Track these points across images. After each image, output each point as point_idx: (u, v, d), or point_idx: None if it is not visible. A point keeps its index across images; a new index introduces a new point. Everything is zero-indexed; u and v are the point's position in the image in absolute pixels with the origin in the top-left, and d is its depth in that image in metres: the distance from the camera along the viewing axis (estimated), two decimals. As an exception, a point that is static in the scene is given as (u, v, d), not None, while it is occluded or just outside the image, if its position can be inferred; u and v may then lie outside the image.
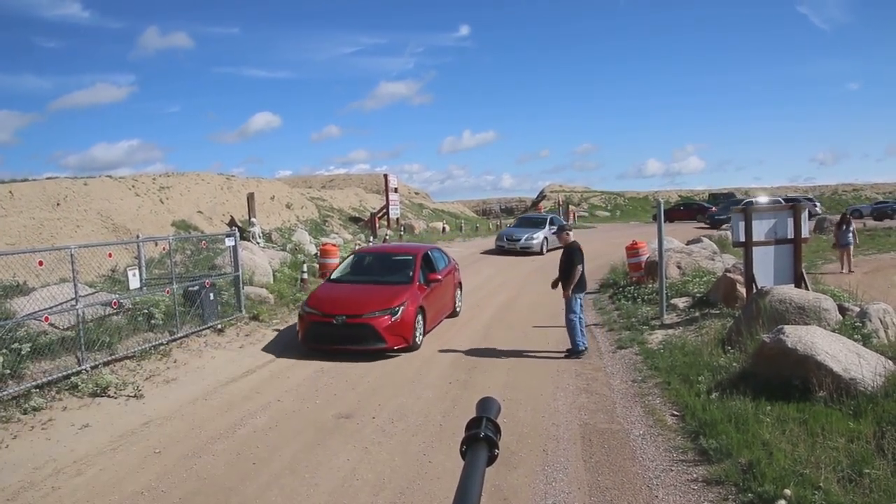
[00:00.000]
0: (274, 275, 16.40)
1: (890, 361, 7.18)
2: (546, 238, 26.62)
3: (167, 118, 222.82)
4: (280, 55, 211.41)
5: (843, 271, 19.84)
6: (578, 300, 10.19)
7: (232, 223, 22.58)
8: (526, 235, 26.75)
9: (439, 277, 12.29)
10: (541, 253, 26.04)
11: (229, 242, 13.18)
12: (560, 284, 10.33)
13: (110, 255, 11.33)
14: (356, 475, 5.95)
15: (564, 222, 25.75)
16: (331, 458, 6.34)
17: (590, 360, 9.91)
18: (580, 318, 10.29)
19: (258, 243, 20.35)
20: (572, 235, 10.66)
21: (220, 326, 11.89)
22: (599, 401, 8.02)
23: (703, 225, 39.45)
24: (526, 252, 26.23)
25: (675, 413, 7.29)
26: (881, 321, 8.78)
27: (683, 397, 7.53)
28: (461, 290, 14.47)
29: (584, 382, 8.82)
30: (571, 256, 10.22)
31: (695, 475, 5.70)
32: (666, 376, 8.51)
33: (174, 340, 10.77)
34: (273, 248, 20.90)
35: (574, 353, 10.11)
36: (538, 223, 28.73)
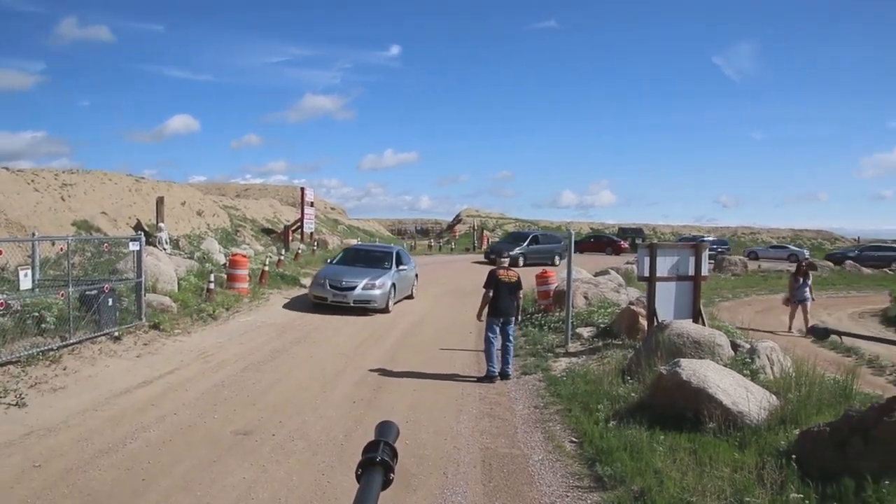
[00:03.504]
0: (179, 283, 15.86)
1: (774, 396, 7.60)
2: (394, 285, 17.14)
3: (77, 112, 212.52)
4: (204, 58, 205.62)
5: (791, 331, 17.17)
6: (494, 325, 10.30)
7: (138, 227, 21.75)
8: (363, 282, 16.39)
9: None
10: (386, 310, 16.55)
11: (133, 247, 12.70)
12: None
13: (0, 252, 10.73)
14: (252, 494, 5.79)
15: (409, 256, 20.50)
16: (226, 476, 6.15)
17: (494, 385, 10.02)
18: (506, 344, 10.42)
19: (164, 249, 19.68)
20: (506, 261, 10.90)
21: (117, 334, 11.40)
22: (501, 425, 8.11)
23: (610, 258, 40.66)
24: (363, 309, 16.25)
25: (574, 440, 7.45)
26: (768, 358, 9.25)
27: (583, 424, 7.71)
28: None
29: (487, 406, 8.91)
30: (487, 281, 10.43)
31: (589, 501, 5.84)
32: (567, 403, 8.69)
33: (66, 346, 10.24)
34: (180, 255, 20.24)
35: (485, 377, 10.20)
36: (379, 260, 18.15)
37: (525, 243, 33.74)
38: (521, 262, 30.08)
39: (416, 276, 20.18)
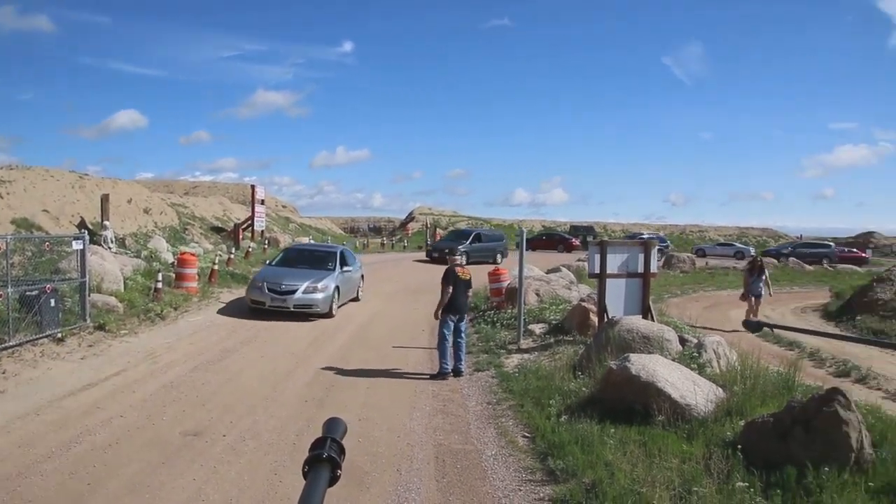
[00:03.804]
0: (125, 282, 15.48)
1: (720, 389, 7.79)
2: (338, 288, 15.98)
3: (17, 106, 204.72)
4: (152, 51, 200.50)
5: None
6: (450, 323, 10.32)
7: (82, 225, 21.15)
8: (305, 284, 15.21)
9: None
10: (329, 315, 15.38)
11: (77, 246, 12.35)
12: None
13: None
14: (202, 495, 5.70)
15: (353, 256, 19.04)
16: (176, 478, 6.03)
17: (447, 381, 10.04)
18: (458, 341, 10.45)
19: (110, 248, 19.17)
20: (459, 259, 10.88)
21: (60, 335, 11.07)
22: (455, 422, 8.14)
23: (562, 255, 41.03)
24: (304, 313, 15.02)
25: (527, 435, 7.52)
26: (715, 352, 9.48)
27: (535, 420, 7.79)
28: None
29: (440, 403, 8.92)
30: (445, 278, 10.42)
31: (542, 494, 5.91)
32: (520, 399, 8.76)
33: (5, 349, 9.90)
34: (126, 254, 19.76)
35: (438, 374, 10.20)
36: (322, 261, 16.92)
37: (468, 241, 33.11)
38: (463, 260, 29.57)
39: (362, 276, 19.20)
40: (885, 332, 17.23)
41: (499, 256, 32.93)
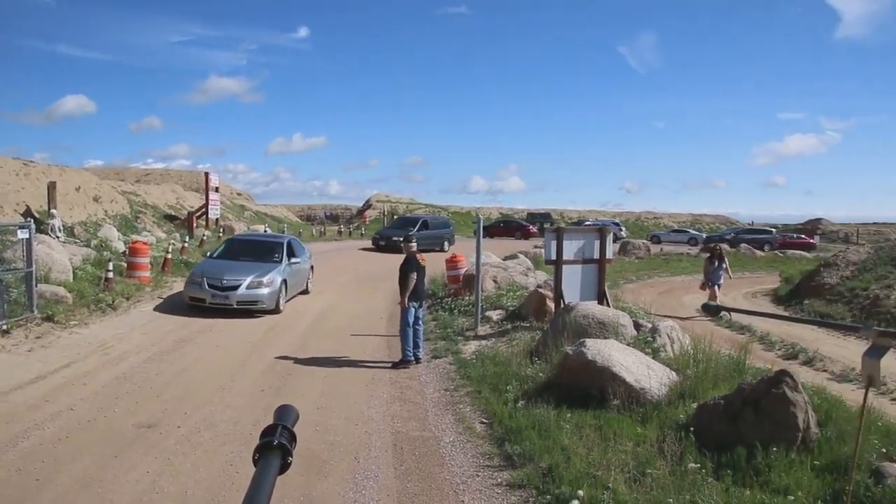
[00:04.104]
0: (75, 272, 15.10)
1: (674, 373, 7.94)
2: (285, 282, 14.94)
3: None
4: (100, 35, 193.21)
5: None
6: (413, 309, 10.28)
7: (27, 214, 20.54)
8: (248, 279, 14.05)
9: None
10: (276, 311, 14.35)
11: (22, 235, 11.98)
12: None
13: None
14: (156, 488, 5.60)
15: (302, 247, 17.76)
16: (128, 472, 5.92)
17: (405, 369, 10.03)
18: (416, 328, 10.40)
19: (58, 237, 18.67)
20: (415, 246, 10.82)
21: (5, 327, 10.75)
22: (412, 409, 8.14)
23: (520, 242, 41.23)
24: (248, 311, 13.95)
25: (484, 420, 7.56)
26: (669, 336, 9.65)
27: (492, 405, 7.83)
28: None
29: (398, 391, 8.92)
30: (407, 265, 10.32)
31: (499, 479, 5.96)
32: (477, 385, 8.80)
33: (-52, 341, 9.60)
34: (76, 243, 19.27)
35: (401, 361, 10.15)
36: (268, 253, 15.83)
37: (415, 229, 31.18)
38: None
39: (312, 268, 17.98)
40: (832, 315, 17.74)
41: (446, 244, 32.33)
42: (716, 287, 17.77)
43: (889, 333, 4.26)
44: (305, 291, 17.15)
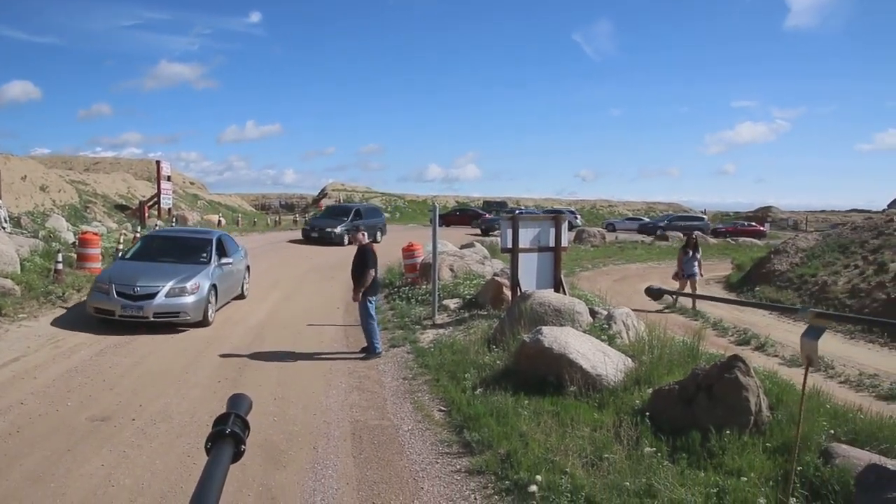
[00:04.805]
0: (22, 264, 14.69)
1: (629, 359, 8.08)
2: (215, 287, 12.21)
3: None
4: (45, 18, 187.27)
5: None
6: (372, 303, 10.22)
7: (-30, 204, 19.93)
8: (168, 285, 11.35)
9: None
10: (203, 323, 11.68)
11: (-35, 225, 11.61)
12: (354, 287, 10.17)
13: None
14: (112, 481, 5.51)
15: (235, 244, 14.95)
16: (82, 465, 5.80)
17: (365, 359, 9.99)
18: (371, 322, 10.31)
19: (3, 228, 18.16)
20: (366, 237, 10.68)
21: (-51, 320, 10.42)
22: (371, 398, 8.14)
23: (476, 231, 41.36)
24: (169, 324, 11.29)
25: (443, 408, 7.61)
26: (624, 323, 9.81)
27: (450, 393, 7.87)
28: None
29: (356, 380, 8.90)
30: (364, 258, 10.11)
31: (458, 466, 6.01)
32: (435, 373, 8.84)
33: None
34: (22, 234, 18.76)
35: (372, 353, 10.04)
36: (193, 252, 13.05)
37: (348, 218, 30.00)
38: (345, 240, 27.15)
39: (248, 268, 15.33)
40: (781, 300, 18.26)
41: (378, 234, 30.47)
42: (687, 279, 17.25)
43: (825, 315, 4.42)
44: (241, 296, 14.57)
